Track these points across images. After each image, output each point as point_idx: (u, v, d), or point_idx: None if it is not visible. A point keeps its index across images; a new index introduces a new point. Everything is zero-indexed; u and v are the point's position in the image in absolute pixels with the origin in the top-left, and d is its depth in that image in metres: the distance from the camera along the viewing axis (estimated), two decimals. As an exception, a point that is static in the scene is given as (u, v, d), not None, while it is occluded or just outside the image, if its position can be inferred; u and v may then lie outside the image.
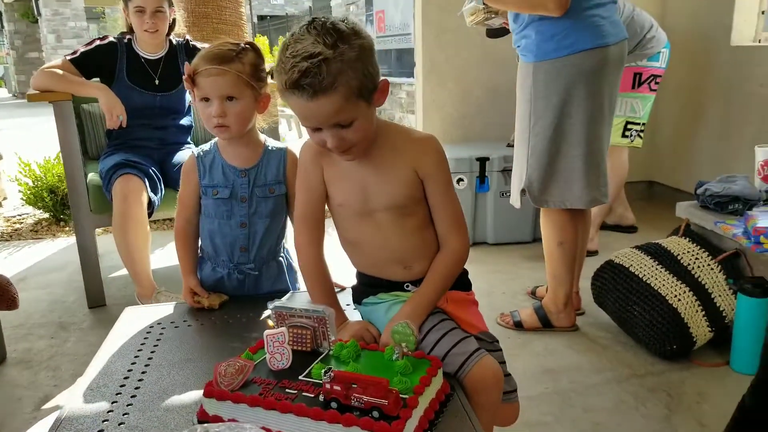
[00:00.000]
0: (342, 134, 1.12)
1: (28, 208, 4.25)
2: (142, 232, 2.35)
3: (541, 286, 2.61)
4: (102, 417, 1.02)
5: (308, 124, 1.13)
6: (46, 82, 2.48)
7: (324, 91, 1.05)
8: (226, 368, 1.02)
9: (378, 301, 1.33)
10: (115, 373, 1.17)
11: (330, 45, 1.04)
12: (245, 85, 1.41)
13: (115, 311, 2.58)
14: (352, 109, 1.09)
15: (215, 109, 1.41)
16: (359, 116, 1.11)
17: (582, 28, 1.92)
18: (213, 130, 1.45)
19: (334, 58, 1.04)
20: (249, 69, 1.42)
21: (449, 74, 3.67)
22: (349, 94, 1.07)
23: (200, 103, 1.43)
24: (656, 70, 3.01)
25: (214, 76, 1.39)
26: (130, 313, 1.48)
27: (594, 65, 1.94)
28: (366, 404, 0.92)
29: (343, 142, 1.13)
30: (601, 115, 2.02)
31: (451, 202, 1.27)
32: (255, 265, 1.56)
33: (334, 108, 1.07)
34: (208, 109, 1.42)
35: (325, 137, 1.13)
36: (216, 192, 1.50)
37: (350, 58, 1.05)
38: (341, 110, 1.08)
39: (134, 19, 2.52)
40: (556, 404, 1.85)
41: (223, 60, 1.40)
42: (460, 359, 1.17)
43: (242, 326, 1.39)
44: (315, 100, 1.06)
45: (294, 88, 1.05)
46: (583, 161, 2.04)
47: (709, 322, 2.03)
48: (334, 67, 1.04)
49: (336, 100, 1.06)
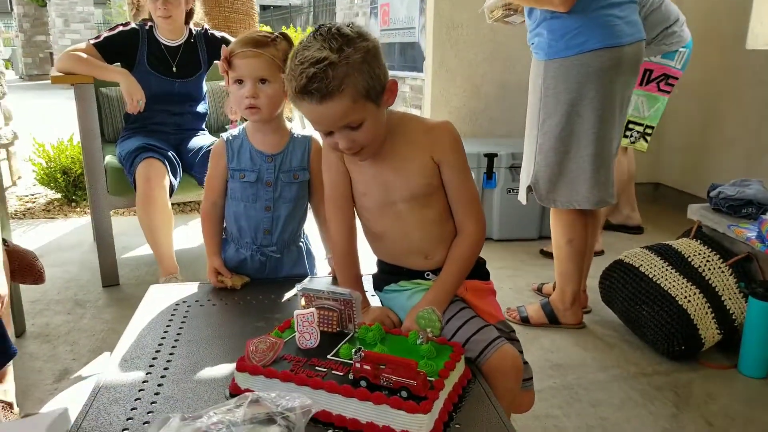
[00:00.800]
0: (352, 136, 1.15)
1: (40, 188, 4.29)
2: (165, 214, 2.39)
3: (548, 283, 2.65)
4: (138, 386, 1.06)
5: (319, 128, 1.17)
6: (70, 65, 2.51)
7: (331, 94, 1.08)
8: (257, 344, 1.05)
9: (399, 288, 1.36)
10: (146, 346, 1.21)
11: (335, 49, 1.08)
12: (278, 69, 1.45)
13: (128, 291, 2.63)
14: (360, 110, 1.13)
15: (248, 90, 1.45)
16: (368, 117, 1.15)
17: (594, 27, 1.91)
18: (244, 112, 1.49)
19: (339, 62, 1.07)
20: (282, 55, 1.46)
21: (459, 69, 3.70)
22: (357, 96, 1.11)
23: (234, 85, 1.47)
24: (670, 69, 2.88)
25: (249, 58, 1.44)
26: (156, 291, 1.51)
27: (605, 65, 1.94)
28: (395, 384, 0.95)
29: (354, 143, 1.16)
30: (611, 116, 2.02)
31: (467, 186, 1.30)
32: (277, 248, 1.59)
33: (342, 110, 1.11)
34: (241, 91, 1.46)
35: (336, 140, 1.17)
36: (243, 175, 1.53)
37: (355, 61, 1.09)
38: (349, 112, 1.12)
39: (149, 5, 2.58)
40: (563, 398, 1.88)
41: (258, 44, 1.45)
42: (480, 346, 1.20)
43: (265, 307, 1.42)
44: (323, 103, 1.10)
45: (303, 94, 1.10)
46: (592, 162, 2.04)
47: (718, 324, 2.06)
48: (340, 71, 1.08)
49: (344, 103, 1.10)
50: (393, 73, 1.54)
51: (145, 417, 0.98)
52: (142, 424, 0.96)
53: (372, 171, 1.27)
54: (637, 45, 2.00)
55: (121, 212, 3.77)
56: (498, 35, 3.65)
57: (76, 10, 16.81)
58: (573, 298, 2.30)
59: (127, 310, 2.39)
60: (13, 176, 4.59)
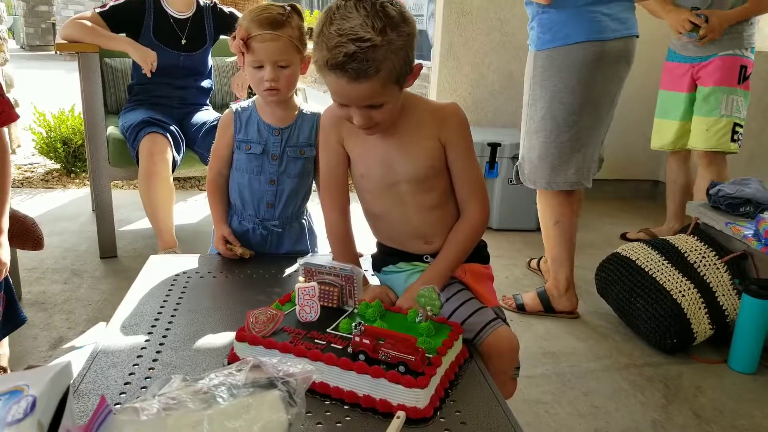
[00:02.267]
0: (370, 114, 1.14)
1: (39, 158, 4.27)
2: (166, 188, 2.39)
3: (534, 258, 2.82)
4: (136, 352, 1.06)
5: (340, 101, 1.14)
6: (76, 33, 2.49)
7: (367, 76, 1.06)
8: (258, 315, 1.06)
9: (397, 270, 1.36)
10: (145, 314, 1.21)
11: (379, 31, 1.04)
12: (295, 50, 1.46)
13: (125, 263, 2.63)
14: (386, 93, 1.11)
15: (269, 74, 1.44)
16: (391, 99, 1.13)
17: (577, 22, 2.04)
18: (263, 93, 1.49)
19: (381, 46, 1.04)
20: (297, 33, 1.46)
21: (466, 58, 3.68)
22: (388, 80, 1.09)
23: (251, 68, 1.46)
24: (751, 62, 2.74)
25: (268, 42, 1.42)
26: (156, 261, 1.51)
27: (588, 57, 2.05)
28: (393, 359, 0.96)
29: (370, 120, 1.15)
30: (593, 106, 2.13)
31: (473, 169, 1.28)
32: (279, 222, 1.60)
33: (371, 92, 1.09)
34: (261, 74, 1.45)
35: (352, 113, 1.14)
36: (249, 147, 1.53)
37: (397, 46, 1.06)
38: (377, 95, 1.10)
39: None
40: (555, 385, 1.90)
41: (276, 25, 1.43)
42: (477, 326, 1.21)
43: (265, 281, 1.43)
44: (355, 83, 1.07)
45: (336, 69, 1.06)
46: (570, 147, 2.17)
47: (711, 319, 2.08)
48: (379, 55, 1.04)
49: (375, 85, 1.08)
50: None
51: (143, 382, 0.99)
52: (140, 389, 0.97)
53: (376, 150, 1.26)
54: (624, 41, 2.09)
55: (120, 185, 3.77)
56: (506, 25, 3.64)
57: (82, -5, 16.65)
58: (567, 283, 2.33)
59: (124, 281, 2.41)
60: (13, 144, 4.57)
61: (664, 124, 3.00)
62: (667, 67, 2.96)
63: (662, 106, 3.02)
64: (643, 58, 3.75)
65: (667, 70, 2.96)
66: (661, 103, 3.02)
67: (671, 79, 2.93)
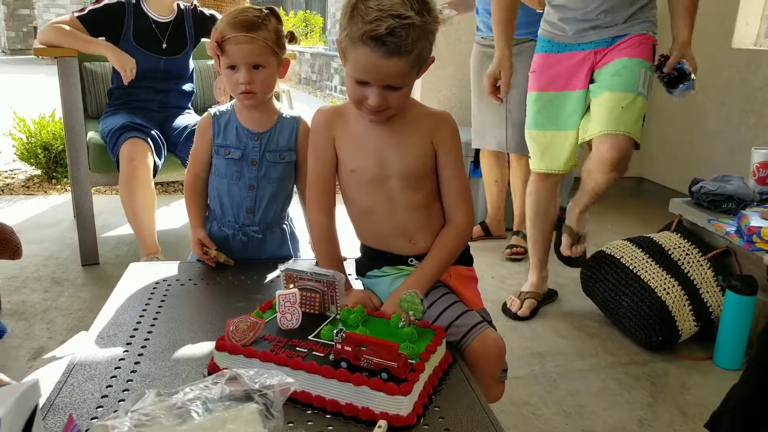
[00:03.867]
0: (387, 95, 1.15)
1: (20, 164, 4.21)
2: (148, 193, 2.37)
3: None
4: (114, 364, 1.04)
5: (364, 77, 1.14)
6: (54, 38, 2.46)
7: (401, 54, 1.09)
8: (238, 324, 1.04)
9: (382, 274, 1.35)
10: (124, 324, 1.19)
11: (417, 11, 1.08)
12: (271, 53, 1.44)
13: (107, 270, 2.60)
14: (409, 76, 1.14)
15: (243, 76, 1.43)
16: (408, 84, 1.17)
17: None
18: (239, 96, 1.47)
19: (419, 26, 1.08)
20: (274, 36, 1.44)
21: (449, 58, 3.67)
22: (415, 62, 1.13)
23: (226, 70, 1.45)
24: None
25: (242, 44, 1.41)
26: (136, 269, 1.49)
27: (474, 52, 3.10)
28: (375, 365, 0.95)
29: (384, 102, 1.16)
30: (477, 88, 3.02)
31: (461, 176, 1.31)
32: (259, 228, 1.58)
33: (400, 70, 1.11)
34: (235, 76, 1.44)
35: (368, 93, 1.15)
36: (228, 152, 1.52)
37: (430, 29, 1.11)
38: (403, 74, 1.13)
39: None
40: (541, 386, 1.90)
41: (250, 27, 1.41)
42: (462, 330, 1.21)
43: (247, 288, 1.41)
44: (388, 59, 1.09)
45: (373, 41, 1.07)
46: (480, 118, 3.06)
47: (696, 316, 2.08)
48: (416, 34, 1.08)
49: (405, 64, 1.11)
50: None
51: (121, 395, 0.97)
52: (117, 402, 0.95)
53: (370, 143, 1.26)
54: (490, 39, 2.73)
55: (102, 190, 3.72)
56: (488, 24, 3.63)
57: (71, -6, 16.48)
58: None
59: (106, 289, 2.35)
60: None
61: (557, 137, 2.19)
62: (548, 61, 2.17)
63: (548, 114, 2.18)
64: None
65: (548, 66, 2.17)
66: (543, 109, 2.19)
67: (558, 75, 2.15)
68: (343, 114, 1.30)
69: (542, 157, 2.25)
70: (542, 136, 2.23)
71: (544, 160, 2.25)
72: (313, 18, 16.06)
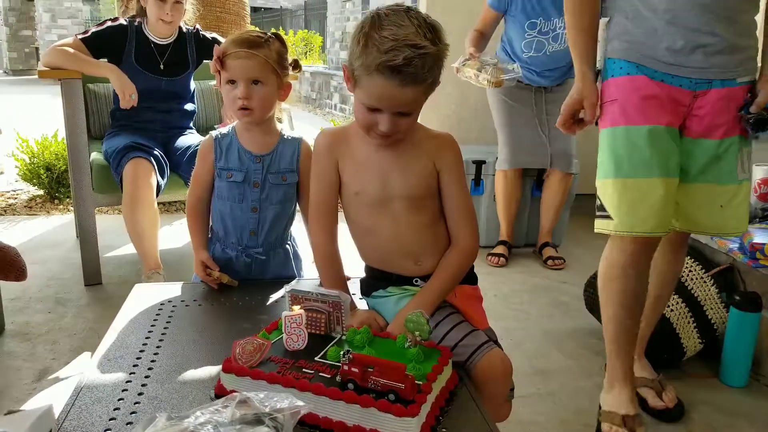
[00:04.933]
0: (398, 121, 1.17)
1: (22, 184, 4.23)
2: (151, 213, 2.38)
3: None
4: (121, 386, 1.04)
5: (377, 104, 1.16)
6: (57, 60, 2.48)
7: (416, 82, 1.11)
8: (244, 345, 1.04)
9: (387, 294, 1.35)
10: (130, 346, 1.19)
11: (431, 40, 1.11)
12: (271, 71, 1.45)
13: (110, 290, 2.60)
14: (420, 102, 1.17)
15: (241, 91, 1.44)
16: (418, 108, 1.19)
17: None
18: (236, 113, 1.48)
19: (433, 54, 1.11)
20: (275, 56, 1.46)
21: (448, 76, 3.68)
22: (428, 89, 1.16)
23: (226, 86, 1.47)
24: None
25: (242, 59, 1.43)
26: (140, 290, 1.49)
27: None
28: (382, 387, 0.95)
29: (395, 127, 1.18)
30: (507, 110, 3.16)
31: (464, 197, 1.32)
32: (263, 250, 1.58)
33: (414, 98, 1.14)
34: (234, 92, 1.45)
35: (379, 120, 1.17)
36: (230, 175, 1.52)
37: (441, 57, 1.14)
38: (416, 101, 1.16)
39: (153, 7, 2.53)
40: (547, 405, 1.89)
41: (252, 44, 1.44)
42: (469, 350, 1.20)
43: (251, 309, 1.41)
44: (404, 87, 1.11)
45: (389, 71, 1.09)
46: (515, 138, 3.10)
47: (700, 333, 2.08)
48: (429, 62, 1.11)
49: (419, 92, 1.14)
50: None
51: (129, 417, 0.96)
52: (125, 425, 0.94)
53: (374, 166, 1.27)
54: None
55: (105, 210, 3.73)
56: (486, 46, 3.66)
57: (64, 6, 16.68)
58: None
59: (110, 309, 2.37)
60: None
61: (656, 186, 1.58)
62: (635, 84, 1.59)
63: (643, 154, 1.57)
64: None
65: (635, 90, 1.59)
66: (635, 149, 1.58)
67: (654, 102, 1.57)
68: (347, 136, 1.31)
69: (632, 214, 1.60)
70: (635, 185, 1.59)
71: (635, 218, 1.60)
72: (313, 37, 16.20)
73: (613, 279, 1.68)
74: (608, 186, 1.64)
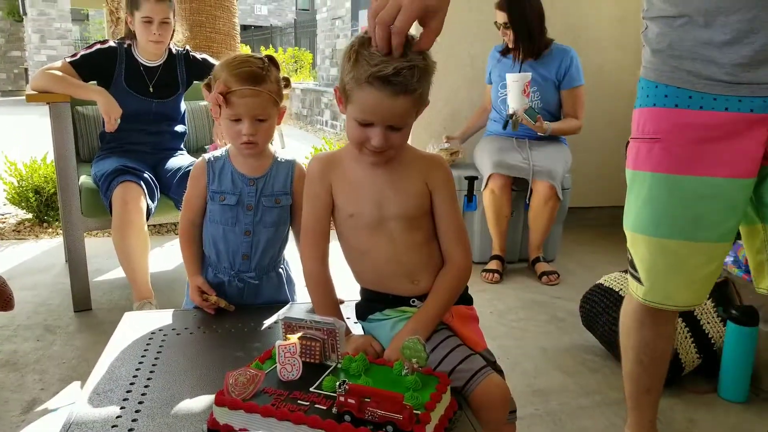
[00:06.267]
0: (389, 135, 1.17)
1: (10, 208, 4.18)
2: (141, 238, 2.35)
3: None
4: (111, 422, 1.01)
5: (369, 117, 1.16)
6: (46, 84, 2.46)
7: (406, 92, 1.12)
8: (237, 377, 1.01)
9: (383, 317, 1.33)
10: (120, 378, 1.16)
11: (419, 54, 1.13)
12: (273, 104, 1.46)
13: (100, 316, 2.56)
14: (411, 115, 1.18)
15: (247, 128, 1.43)
16: (409, 124, 1.19)
17: None
18: (240, 147, 1.47)
19: (422, 67, 1.13)
20: (276, 87, 1.46)
21: (438, 93, 3.70)
22: (417, 102, 1.16)
23: (228, 121, 1.44)
24: None
25: (247, 98, 1.42)
26: (130, 318, 1.46)
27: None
28: (380, 418, 0.92)
29: (387, 142, 1.18)
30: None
31: (456, 217, 1.32)
32: (256, 274, 1.56)
33: (404, 109, 1.15)
34: (238, 128, 1.44)
35: (371, 134, 1.17)
36: (223, 198, 1.50)
37: (430, 71, 1.16)
38: (407, 114, 1.16)
39: (140, 29, 2.52)
40: (547, 425, 1.86)
41: (256, 81, 1.42)
42: (466, 375, 1.18)
43: (244, 336, 1.38)
44: (395, 98, 1.12)
45: (379, 81, 1.10)
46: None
47: (698, 348, 2.06)
48: (418, 74, 1.12)
49: (409, 103, 1.14)
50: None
51: (119, 454, 0.93)
52: (116, 463, 0.91)
53: (367, 188, 1.27)
54: None
55: (94, 233, 3.69)
56: (476, 61, 3.68)
57: (53, 27, 16.67)
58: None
59: (100, 336, 2.34)
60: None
61: (697, 252, 1.34)
62: (681, 121, 1.30)
63: (686, 213, 1.32)
64: (608, 89, 3.83)
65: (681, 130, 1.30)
66: (677, 205, 1.33)
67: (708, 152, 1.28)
68: (339, 160, 1.30)
69: (666, 282, 1.38)
70: (674, 250, 1.35)
71: (667, 286, 1.38)
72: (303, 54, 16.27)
73: (634, 336, 1.48)
74: (640, 243, 1.39)
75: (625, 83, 3.96)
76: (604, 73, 3.81)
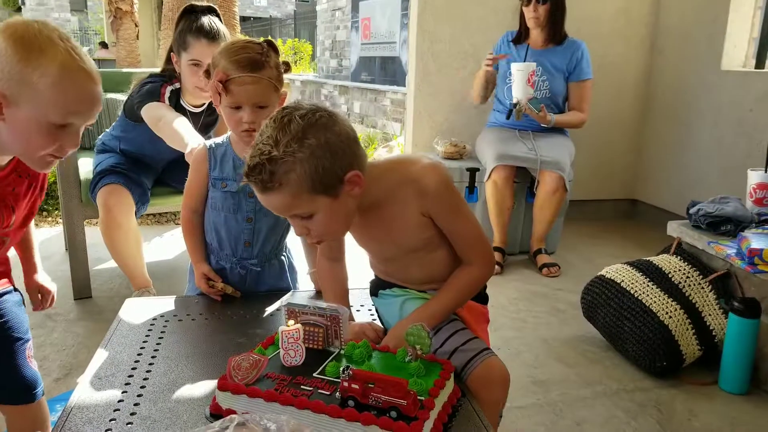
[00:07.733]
0: (304, 224, 1.13)
1: (10, 196, 4.16)
2: (129, 236, 2.34)
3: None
4: (113, 406, 1.01)
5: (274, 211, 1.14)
6: None
7: (270, 189, 1.06)
8: (240, 362, 1.01)
9: (393, 294, 1.34)
10: (122, 363, 1.16)
11: (280, 144, 1.04)
12: (274, 91, 1.44)
13: (101, 303, 2.55)
14: (306, 204, 1.09)
15: (248, 116, 1.41)
16: (319, 211, 1.10)
17: None
18: (241, 134, 1.45)
19: (279, 158, 1.03)
20: (276, 73, 1.44)
21: (441, 84, 3.69)
22: (299, 191, 1.06)
23: (228, 108, 1.43)
24: None
25: (248, 85, 1.40)
26: (132, 304, 1.45)
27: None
28: (384, 404, 0.92)
29: (308, 231, 1.14)
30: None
31: (467, 228, 1.25)
32: (257, 261, 1.55)
33: (283, 203, 1.09)
34: (239, 115, 1.42)
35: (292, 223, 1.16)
36: (225, 185, 1.49)
37: (299, 158, 1.04)
38: (292, 206, 1.09)
39: (187, 72, 2.32)
40: (547, 416, 1.86)
41: (256, 67, 1.40)
42: (467, 356, 1.18)
43: (246, 322, 1.38)
44: (263, 194, 1.08)
45: (247, 178, 1.07)
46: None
47: (699, 340, 2.06)
48: (280, 167, 1.04)
49: (284, 197, 1.07)
50: (373, 87, 1.49)
51: (121, 438, 0.93)
52: (118, 446, 0.91)
53: (366, 233, 1.27)
54: None
55: (95, 221, 3.67)
56: (479, 51, 3.66)
57: (52, 17, 16.62)
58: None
59: (100, 323, 2.33)
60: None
61: None
62: None
63: None
64: (611, 82, 3.82)
65: None
66: None
67: None
68: None
69: None
70: None
71: None
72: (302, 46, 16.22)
73: None
74: None
75: (628, 75, 3.96)
76: (607, 66, 3.79)
